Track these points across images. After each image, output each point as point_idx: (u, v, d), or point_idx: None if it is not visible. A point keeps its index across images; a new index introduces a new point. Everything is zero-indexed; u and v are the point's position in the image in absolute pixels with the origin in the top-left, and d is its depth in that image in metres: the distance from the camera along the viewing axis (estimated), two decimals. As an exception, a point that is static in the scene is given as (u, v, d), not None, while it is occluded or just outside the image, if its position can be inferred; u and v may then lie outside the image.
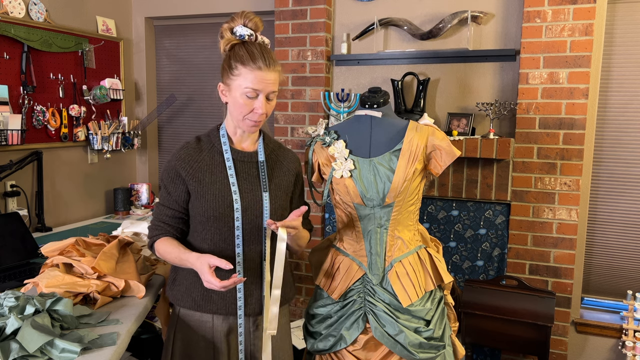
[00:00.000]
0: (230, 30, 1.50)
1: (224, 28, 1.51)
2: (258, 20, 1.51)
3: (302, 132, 3.17)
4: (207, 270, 1.37)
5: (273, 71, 1.47)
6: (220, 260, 1.37)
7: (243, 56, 1.45)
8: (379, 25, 2.99)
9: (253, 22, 1.50)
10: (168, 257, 1.52)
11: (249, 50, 1.46)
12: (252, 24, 1.50)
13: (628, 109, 2.74)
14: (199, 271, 1.40)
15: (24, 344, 1.23)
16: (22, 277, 2.05)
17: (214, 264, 1.37)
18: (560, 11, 2.57)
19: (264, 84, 1.45)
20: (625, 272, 2.81)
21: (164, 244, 1.53)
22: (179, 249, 1.50)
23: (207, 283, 1.37)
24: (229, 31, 1.51)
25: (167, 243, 1.53)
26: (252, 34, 1.49)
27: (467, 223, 2.88)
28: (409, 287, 1.70)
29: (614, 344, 2.79)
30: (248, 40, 1.49)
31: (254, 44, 1.48)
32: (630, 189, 2.77)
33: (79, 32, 3.20)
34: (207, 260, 1.38)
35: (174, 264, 1.53)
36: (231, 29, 1.50)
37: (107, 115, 3.43)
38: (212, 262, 1.37)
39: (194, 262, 1.43)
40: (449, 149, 1.71)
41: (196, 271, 1.54)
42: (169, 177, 1.54)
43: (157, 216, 1.57)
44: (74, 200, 3.27)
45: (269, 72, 1.46)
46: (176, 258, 1.50)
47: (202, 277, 1.39)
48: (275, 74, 1.48)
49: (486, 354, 2.86)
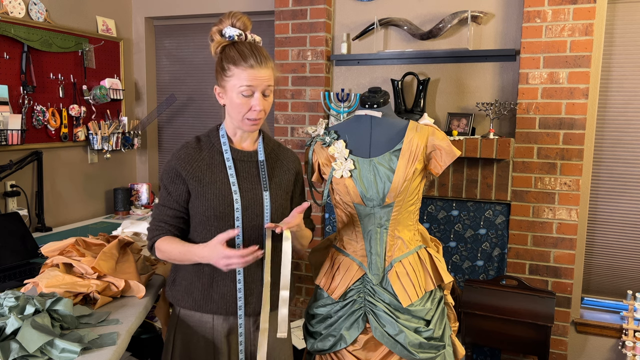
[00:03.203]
0: (219, 33, 1.51)
1: (213, 31, 1.52)
2: (246, 19, 1.51)
3: (302, 132, 3.17)
4: (221, 247, 1.35)
5: (265, 67, 1.47)
6: (226, 233, 1.38)
7: (234, 57, 1.46)
8: (379, 25, 2.99)
9: (241, 21, 1.50)
10: (172, 254, 1.51)
11: (240, 50, 1.46)
12: (240, 23, 1.50)
13: (628, 109, 2.74)
14: (211, 255, 1.39)
15: (24, 344, 1.23)
16: (22, 277, 2.05)
17: (223, 240, 1.37)
18: (560, 11, 2.57)
19: (257, 80, 1.46)
20: (625, 272, 2.81)
21: (166, 242, 1.52)
22: (182, 244, 1.50)
23: (226, 260, 1.36)
24: (218, 34, 1.52)
25: (169, 240, 1.52)
26: (241, 33, 1.50)
27: (467, 223, 2.88)
28: (409, 287, 1.70)
29: (614, 344, 2.79)
30: (238, 40, 1.49)
31: (244, 44, 1.49)
32: (630, 189, 2.77)
33: (79, 32, 3.20)
34: (215, 240, 1.37)
35: (177, 260, 1.52)
36: (220, 31, 1.51)
37: (107, 115, 3.43)
38: (220, 238, 1.37)
39: (201, 251, 1.42)
40: (449, 149, 1.71)
41: (195, 272, 1.54)
42: (169, 177, 1.54)
43: (157, 216, 1.56)
44: (74, 200, 3.27)
45: (262, 69, 1.46)
46: (180, 253, 1.49)
47: (218, 256, 1.37)
48: (268, 70, 1.48)
49: (486, 354, 2.86)
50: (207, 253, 1.40)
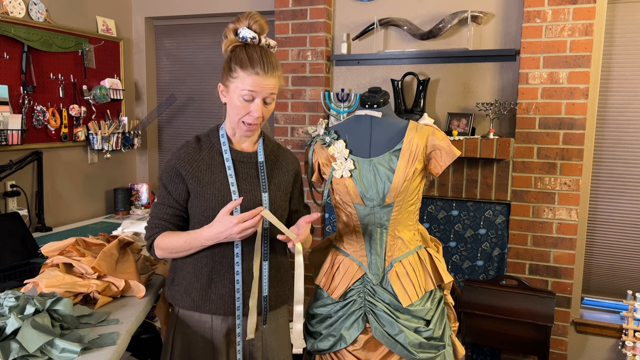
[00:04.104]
0: (234, 32, 1.49)
1: (229, 29, 1.50)
2: (264, 23, 1.49)
3: (302, 132, 3.17)
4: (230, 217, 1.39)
5: (271, 77, 1.45)
6: (229, 204, 1.42)
7: (242, 60, 1.45)
8: (379, 25, 2.99)
9: (258, 24, 1.48)
10: (175, 245, 1.50)
11: (249, 54, 1.45)
12: (257, 25, 1.48)
13: (628, 109, 2.74)
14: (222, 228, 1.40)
15: (24, 344, 1.23)
16: (22, 277, 2.05)
17: (228, 211, 1.40)
18: (560, 11, 2.57)
19: (260, 87, 1.44)
20: (625, 272, 2.81)
21: (166, 237, 1.52)
22: (184, 233, 1.51)
23: (239, 225, 1.38)
24: (232, 32, 1.49)
25: (169, 235, 1.52)
26: (255, 36, 1.47)
27: (467, 223, 2.88)
28: (409, 287, 1.70)
29: (614, 344, 2.79)
30: (250, 43, 1.48)
31: (255, 48, 1.47)
32: (630, 189, 2.77)
33: (79, 32, 3.20)
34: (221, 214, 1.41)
35: (182, 251, 1.51)
36: (235, 30, 1.49)
37: (107, 115, 3.43)
38: (225, 210, 1.41)
39: (209, 231, 1.44)
40: (449, 149, 1.71)
41: (194, 272, 1.53)
42: (169, 176, 1.54)
43: (156, 215, 1.56)
44: (74, 200, 3.27)
45: (267, 78, 1.44)
46: (185, 242, 1.49)
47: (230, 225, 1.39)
48: (274, 79, 1.47)
49: (486, 354, 2.86)
50: (217, 229, 1.41)
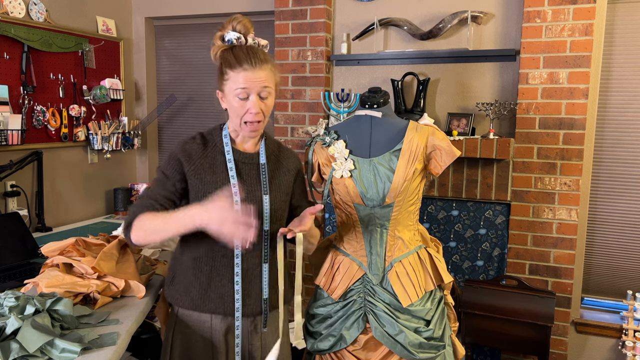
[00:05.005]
0: (220, 38, 1.51)
1: (216, 37, 1.52)
2: (247, 22, 1.50)
3: (302, 132, 3.17)
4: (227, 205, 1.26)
5: (260, 70, 1.46)
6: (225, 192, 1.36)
7: (230, 61, 1.46)
8: (379, 25, 2.99)
9: (242, 24, 1.50)
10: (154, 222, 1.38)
11: (236, 54, 1.46)
12: (240, 26, 1.50)
13: (628, 109, 2.74)
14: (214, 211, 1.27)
15: (24, 344, 1.23)
16: (22, 277, 2.05)
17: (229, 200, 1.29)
18: (560, 11, 2.57)
19: (252, 82, 1.45)
20: (625, 272, 2.81)
21: (148, 215, 1.41)
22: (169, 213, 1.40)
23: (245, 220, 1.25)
24: (219, 39, 1.52)
25: (154, 213, 1.42)
26: (240, 36, 1.49)
27: (467, 223, 2.88)
28: (409, 287, 1.70)
29: (614, 344, 2.79)
30: (237, 44, 1.49)
31: (242, 47, 1.48)
32: (630, 189, 2.77)
33: (79, 32, 3.20)
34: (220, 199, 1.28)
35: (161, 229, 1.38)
36: (222, 36, 1.51)
37: (107, 115, 3.43)
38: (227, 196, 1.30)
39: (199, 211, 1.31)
40: (449, 149, 1.71)
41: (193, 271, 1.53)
42: (169, 163, 1.51)
43: (146, 194, 1.47)
44: (74, 200, 3.27)
45: (256, 71, 1.45)
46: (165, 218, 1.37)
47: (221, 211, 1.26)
48: (264, 72, 1.47)
49: (486, 354, 2.86)
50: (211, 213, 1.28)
